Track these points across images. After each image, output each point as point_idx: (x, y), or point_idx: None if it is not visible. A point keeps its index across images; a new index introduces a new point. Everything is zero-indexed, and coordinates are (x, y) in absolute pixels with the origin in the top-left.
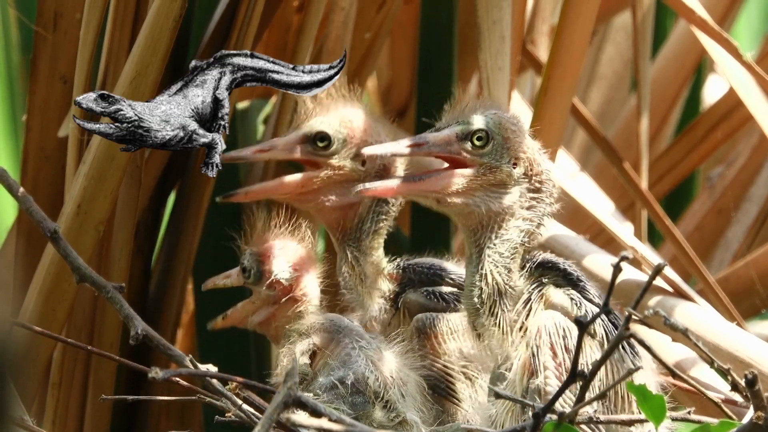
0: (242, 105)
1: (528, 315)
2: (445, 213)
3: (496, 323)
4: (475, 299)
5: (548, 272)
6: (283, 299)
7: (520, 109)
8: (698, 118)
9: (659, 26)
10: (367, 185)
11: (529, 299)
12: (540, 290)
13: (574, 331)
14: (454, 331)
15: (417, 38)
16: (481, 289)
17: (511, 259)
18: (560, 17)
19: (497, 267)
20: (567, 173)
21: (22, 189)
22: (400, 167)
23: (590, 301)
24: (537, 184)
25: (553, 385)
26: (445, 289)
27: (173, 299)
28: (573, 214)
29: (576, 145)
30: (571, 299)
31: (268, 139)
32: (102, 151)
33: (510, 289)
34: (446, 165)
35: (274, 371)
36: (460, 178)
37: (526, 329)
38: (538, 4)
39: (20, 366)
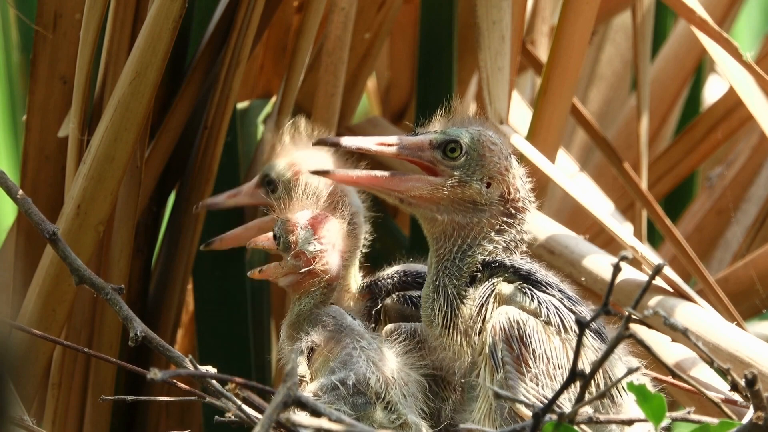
0: (242, 105)
1: (485, 319)
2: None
3: (448, 335)
4: (429, 310)
5: (497, 271)
6: (304, 269)
7: (520, 110)
8: (698, 118)
9: (659, 26)
10: (331, 169)
11: (483, 303)
12: (492, 291)
13: (529, 321)
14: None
15: (417, 38)
16: (433, 299)
17: (469, 274)
18: (560, 17)
19: (452, 280)
20: (567, 173)
21: (21, 191)
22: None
23: (543, 291)
24: (512, 210)
25: (515, 379)
26: (415, 293)
27: (173, 300)
28: (573, 214)
29: (576, 145)
30: (522, 291)
31: (268, 138)
32: (102, 151)
33: (462, 303)
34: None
35: (276, 357)
36: (426, 184)
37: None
38: (538, 4)
39: (20, 366)
